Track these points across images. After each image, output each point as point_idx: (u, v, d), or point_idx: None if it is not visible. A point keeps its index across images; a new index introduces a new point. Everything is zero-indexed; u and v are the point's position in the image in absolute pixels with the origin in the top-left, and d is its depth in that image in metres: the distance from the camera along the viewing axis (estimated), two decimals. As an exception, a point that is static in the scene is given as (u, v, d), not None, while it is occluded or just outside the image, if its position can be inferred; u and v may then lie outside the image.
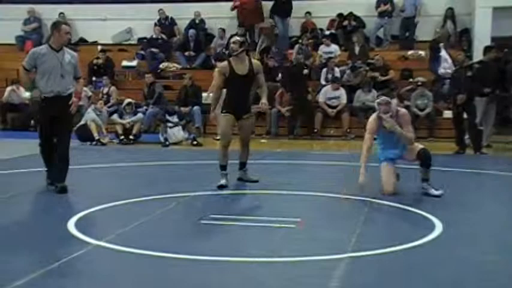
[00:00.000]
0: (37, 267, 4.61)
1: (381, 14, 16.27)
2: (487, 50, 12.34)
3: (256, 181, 7.95)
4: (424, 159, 7.25)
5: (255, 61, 7.94)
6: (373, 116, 7.45)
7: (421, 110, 13.70)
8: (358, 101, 14.20)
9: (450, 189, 7.66)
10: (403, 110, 7.42)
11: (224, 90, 7.97)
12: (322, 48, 15.69)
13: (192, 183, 8.18)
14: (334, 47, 15.67)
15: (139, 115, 13.43)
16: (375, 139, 7.43)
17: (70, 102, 7.51)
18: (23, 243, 5.45)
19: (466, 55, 12.21)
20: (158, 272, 4.65)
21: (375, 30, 16.53)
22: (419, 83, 13.84)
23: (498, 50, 12.99)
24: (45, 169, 7.87)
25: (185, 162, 10.39)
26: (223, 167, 7.77)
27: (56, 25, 7.68)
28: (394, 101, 7.39)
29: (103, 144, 12.75)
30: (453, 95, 11.47)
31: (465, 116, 11.36)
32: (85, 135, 12.83)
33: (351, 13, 16.47)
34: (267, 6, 16.88)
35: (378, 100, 7.39)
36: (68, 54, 7.62)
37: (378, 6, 16.26)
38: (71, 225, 5.83)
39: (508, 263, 4.93)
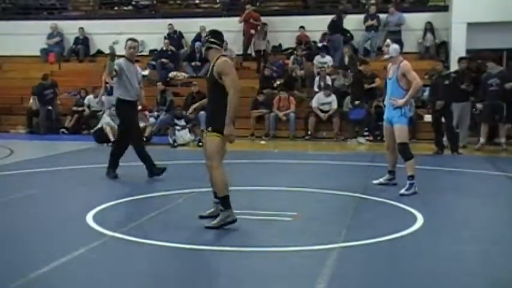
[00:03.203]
0: (59, 255, 4.59)
1: (368, 28, 16.27)
2: (460, 60, 12.41)
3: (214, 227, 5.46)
4: (399, 153, 7.35)
5: (219, 60, 5.46)
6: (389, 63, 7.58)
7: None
8: (347, 106, 14.18)
9: (430, 186, 7.66)
10: (404, 62, 7.30)
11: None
12: (318, 59, 15.66)
13: (197, 180, 8.12)
14: (328, 58, 15.66)
15: (151, 119, 13.41)
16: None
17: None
18: (46, 234, 5.45)
19: (444, 65, 12.19)
20: (168, 260, 4.64)
21: (362, 42, 16.51)
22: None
23: (470, 60, 12.99)
24: (112, 162, 8.31)
25: (191, 162, 10.36)
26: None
27: (126, 41, 8.26)
28: (395, 46, 7.31)
29: (118, 145, 12.71)
30: (432, 101, 11.46)
31: (443, 119, 11.36)
32: (101, 137, 12.84)
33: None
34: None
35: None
36: (138, 67, 8.43)
37: (365, 21, 16.27)
38: (89, 218, 5.82)
39: (481, 252, 4.92)
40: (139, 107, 8.55)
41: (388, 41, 7.46)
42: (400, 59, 7.31)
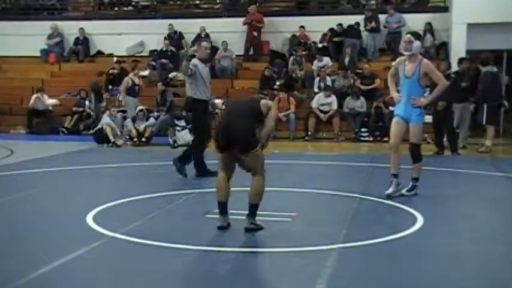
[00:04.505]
0: (59, 256, 4.60)
1: (368, 30, 16.28)
2: (460, 61, 12.38)
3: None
4: (410, 153, 7.14)
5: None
6: (399, 59, 7.21)
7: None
8: (347, 107, 14.19)
9: (430, 187, 7.65)
10: (426, 60, 7.02)
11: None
12: (316, 63, 15.64)
13: (198, 181, 8.16)
14: (326, 60, 15.64)
15: (151, 120, 13.42)
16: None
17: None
18: (46, 234, 5.45)
19: (448, 65, 12.09)
20: (168, 262, 4.64)
21: (363, 43, 16.53)
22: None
23: (471, 61, 13.00)
24: (185, 159, 8.36)
25: (192, 162, 10.35)
26: None
27: (199, 43, 8.40)
28: (419, 43, 6.99)
29: (118, 146, 12.74)
30: (434, 101, 11.39)
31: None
32: (101, 138, 12.85)
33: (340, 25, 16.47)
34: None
35: (403, 38, 7.10)
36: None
37: (365, 24, 16.25)
38: (89, 219, 5.82)
39: (480, 253, 4.92)
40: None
41: (410, 36, 7.01)
42: (419, 56, 7.04)
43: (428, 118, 13.16)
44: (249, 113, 5.52)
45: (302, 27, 16.78)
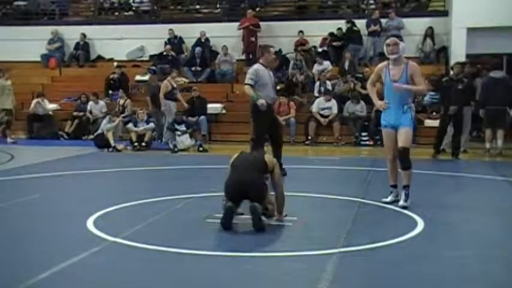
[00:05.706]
0: (59, 261, 4.60)
1: (370, 34, 16.30)
2: (464, 65, 12.30)
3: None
4: (400, 159, 6.77)
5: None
6: (380, 64, 7.00)
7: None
8: (347, 111, 14.22)
9: (430, 191, 7.66)
10: (412, 62, 6.84)
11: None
12: (316, 67, 15.67)
13: (198, 185, 8.16)
14: (326, 64, 15.66)
15: (152, 124, 13.44)
16: None
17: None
18: (46, 239, 5.46)
19: (461, 69, 11.90)
20: (169, 266, 4.65)
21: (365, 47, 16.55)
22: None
23: (471, 65, 12.96)
24: None
25: (192, 167, 10.38)
26: None
27: (265, 48, 8.82)
28: (404, 45, 6.81)
29: (118, 150, 12.75)
30: (445, 105, 11.33)
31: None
32: (102, 142, 12.86)
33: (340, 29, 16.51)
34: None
35: (387, 41, 6.85)
36: (270, 71, 8.83)
37: (368, 26, 16.29)
38: (89, 224, 5.83)
39: (480, 257, 4.93)
40: None
41: (394, 38, 6.87)
42: (404, 59, 6.86)
43: (428, 122, 13.29)
44: (255, 166, 5.84)
45: (301, 32, 16.80)
